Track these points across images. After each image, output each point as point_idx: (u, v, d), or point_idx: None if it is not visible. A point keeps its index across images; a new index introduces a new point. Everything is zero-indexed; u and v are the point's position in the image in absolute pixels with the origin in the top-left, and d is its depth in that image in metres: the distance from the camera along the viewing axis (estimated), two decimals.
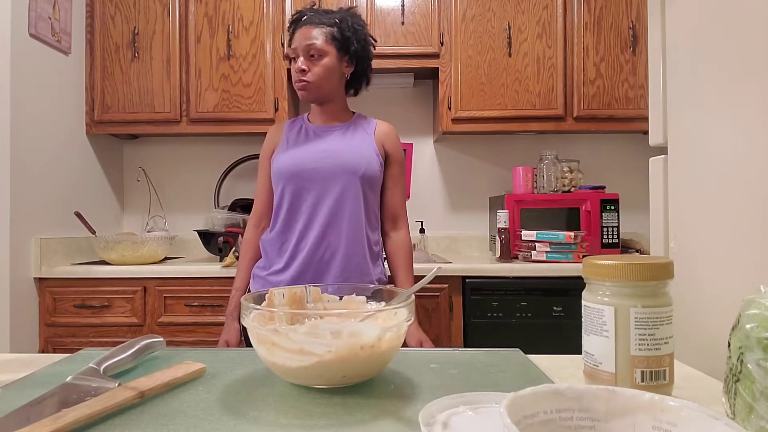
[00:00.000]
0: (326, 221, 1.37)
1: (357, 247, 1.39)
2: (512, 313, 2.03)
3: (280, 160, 1.42)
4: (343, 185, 1.38)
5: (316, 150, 1.40)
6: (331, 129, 1.45)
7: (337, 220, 1.37)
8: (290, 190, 1.39)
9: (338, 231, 1.37)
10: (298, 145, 1.43)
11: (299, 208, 1.39)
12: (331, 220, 1.37)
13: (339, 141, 1.42)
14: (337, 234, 1.37)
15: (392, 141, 1.49)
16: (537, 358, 0.69)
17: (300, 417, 0.48)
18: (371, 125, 1.49)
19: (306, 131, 1.46)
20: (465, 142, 2.71)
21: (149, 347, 0.65)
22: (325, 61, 1.37)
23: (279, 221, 1.42)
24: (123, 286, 2.09)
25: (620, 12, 2.33)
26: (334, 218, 1.37)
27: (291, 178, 1.38)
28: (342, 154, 1.39)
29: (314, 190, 1.38)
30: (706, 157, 0.85)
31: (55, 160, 2.24)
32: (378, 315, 0.62)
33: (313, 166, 1.38)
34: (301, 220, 1.38)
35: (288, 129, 1.48)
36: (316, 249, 1.36)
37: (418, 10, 2.35)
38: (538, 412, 0.36)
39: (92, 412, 0.46)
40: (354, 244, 1.38)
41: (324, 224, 1.36)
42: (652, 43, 1.01)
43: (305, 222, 1.38)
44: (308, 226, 1.38)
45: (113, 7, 2.39)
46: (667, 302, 0.52)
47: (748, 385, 0.42)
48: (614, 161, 2.69)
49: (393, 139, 1.49)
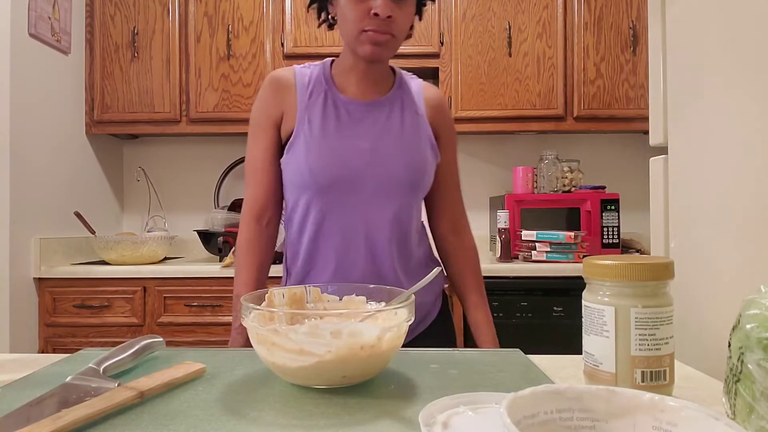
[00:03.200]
0: (368, 257, 1.00)
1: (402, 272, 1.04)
2: (512, 313, 2.03)
3: (306, 156, 0.98)
4: (395, 205, 1.01)
5: (357, 147, 0.99)
6: (373, 107, 1.03)
7: (381, 256, 1.00)
8: (320, 204, 0.99)
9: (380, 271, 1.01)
10: (329, 132, 0.99)
11: (326, 234, 1.00)
12: (373, 257, 1.00)
13: (387, 130, 1.02)
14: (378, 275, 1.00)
15: (446, 118, 1.11)
16: (537, 358, 0.69)
17: (300, 417, 0.48)
18: (418, 94, 1.08)
19: (335, 107, 1.02)
20: (465, 142, 2.71)
21: (149, 347, 0.65)
22: (409, 7, 0.98)
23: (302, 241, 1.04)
24: (123, 286, 2.09)
25: (620, 12, 2.33)
26: (376, 254, 1.00)
27: (323, 187, 0.98)
28: (395, 157, 1.00)
29: (355, 207, 0.99)
30: (706, 157, 0.85)
31: (55, 160, 2.24)
32: (378, 315, 0.62)
33: (356, 171, 0.98)
34: (327, 253, 1.01)
35: (304, 94, 1.02)
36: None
37: None
38: (538, 413, 0.36)
39: (92, 412, 0.45)
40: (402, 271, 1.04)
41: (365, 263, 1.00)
42: (652, 43, 1.01)
43: (336, 258, 1.00)
44: (339, 264, 1.00)
45: (113, 7, 2.39)
46: (667, 302, 0.52)
47: (748, 386, 0.42)
48: (614, 161, 2.69)
49: (446, 114, 1.11)
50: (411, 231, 1.06)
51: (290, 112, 1.03)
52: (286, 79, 1.05)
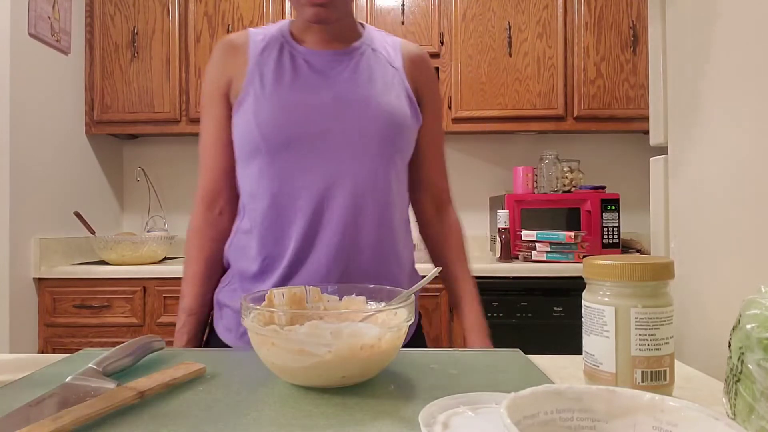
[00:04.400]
0: (342, 230, 0.83)
1: (384, 264, 0.88)
2: (512, 313, 2.03)
3: (256, 113, 0.83)
4: (370, 163, 0.85)
5: (319, 98, 0.84)
6: (338, 57, 0.89)
7: (357, 226, 0.84)
8: (275, 170, 0.83)
9: (356, 246, 0.85)
10: (283, 86, 0.85)
11: (292, 203, 0.84)
12: (347, 229, 0.83)
13: (354, 81, 0.87)
14: (355, 251, 0.85)
15: (430, 78, 0.97)
16: (537, 359, 0.69)
17: (300, 417, 0.48)
18: (394, 48, 0.94)
19: (293, 59, 0.88)
20: (465, 141, 2.71)
21: (149, 347, 0.65)
22: None
23: (255, 223, 0.86)
24: (122, 286, 2.09)
25: (621, 12, 2.33)
26: (351, 225, 0.84)
27: (278, 149, 0.82)
28: (365, 110, 0.85)
29: (318, 171, 0.83)
30: (706, 157, 0.85)
31: (55, 160, 2.24)
32: (378, 315, 0.61)
33: (317, 128, 0.83)
34: (295, 228, 0.84)
35: (258, 51, 0.88)
36: (322, 279, 0.83)
37: (418, 9, 2.34)
38: (539, 413, 0.36)
39: (92, 412, 0.45)
40: (380, 263, 0.87)
41: (339, 235, 0.83)
42: (652, 43, 1.01)
43: (303, 232, 0.83)
44: (309, 239, 0.84)
45: (113, 7, 2.39)
46: (667, 302, 0.52)
47: (748, 386, 0.42)
48: (615, 161, 2.69)
49: (430, 74, 0.97)
50: (392, 213, 0.89)
51: (239, 73, 0.88)
52: (237, 42, 0.91)
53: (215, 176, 0.92)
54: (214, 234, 0.92)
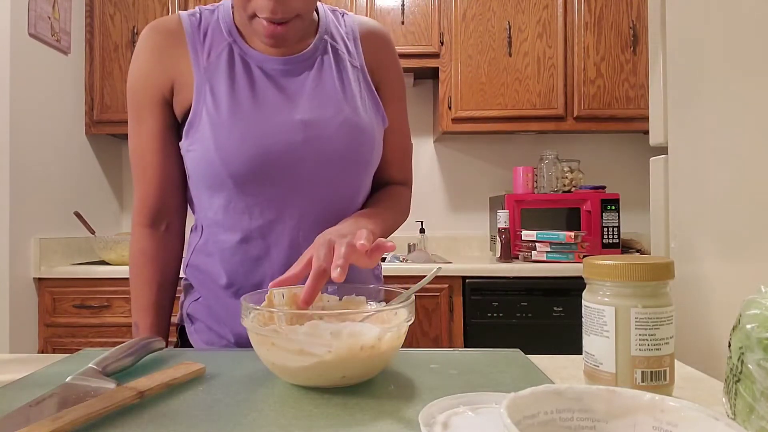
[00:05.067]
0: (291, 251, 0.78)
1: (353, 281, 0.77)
2: (512, 313, 2.03)
3: (216, 142, 0.73)
4: (344, 186, 0.80)
5: (285, 122, 0.75)
6: (298, 65, 0.79)
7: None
8: (245, 204, 0.76)
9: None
10: (242, 106, 0.74)
11: (265, 237, 0.78)
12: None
13: (321, 93, 0.78)
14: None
15: (389, 60, 0.87)
16: (537, 359, 0.69)
17: (300, 417, 0.48)
18: (353, 36, 0.84)
19: (246, 67, 0.77)
20: (465, 141, 2.71)
21: (149, 347, 0.65)
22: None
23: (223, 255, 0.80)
24: (122, 286, 2.09)
25: (621, 12, 2.33)
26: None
27: (246, 182, 0.75)
28: (337, 128, 0.77)
29: (293, 202, 0.77)
30: (706, 157, 0.85)
31: (55, 160, 2.24)
32: (378, 315, 0.61)
33: (288, 157, 0.75)
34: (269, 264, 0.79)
35: (202, 51, 0.77)
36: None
37: (418, 9, 2.34)
38: (539, 413, 0.36)
39: (91, 412, 0.45)
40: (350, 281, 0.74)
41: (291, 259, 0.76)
42: (652, 43, 1.01)
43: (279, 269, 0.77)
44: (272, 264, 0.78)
45: (112, 7, 2.39)
46: (667, 302, 0.52)
47: (748, 386, 0.42)
48: (615, 161, 2.69)
49: (389, 55, 0.87)
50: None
51: (183, 78, 0.77)
52: (171, 31, 0.78)
53: (157, 191, 0.81)
54: (164, 256, 0.84)
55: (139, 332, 0.84)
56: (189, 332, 0.90)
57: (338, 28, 0.84)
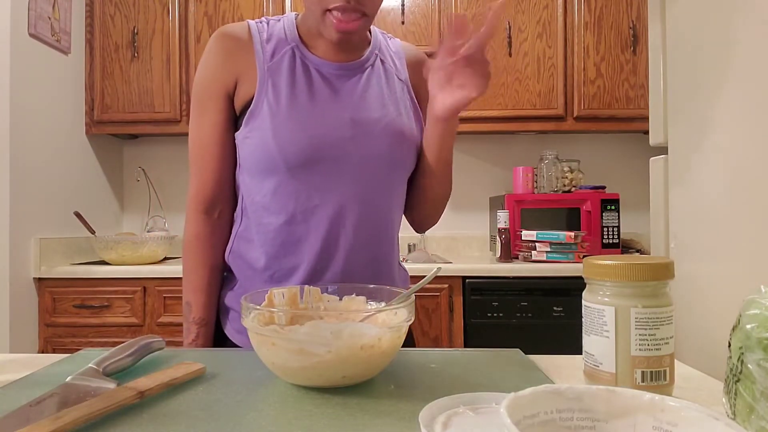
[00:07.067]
0: (353, 251, 0.85)
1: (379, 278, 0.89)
2: (512, 313, 2.03)
3: (274, 131, 0.81)
4: (382, 184, 0.87)
5: (336, 118, 0.83)
6: (350, 71, 0.87)
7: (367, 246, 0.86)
8: (293, 188, 0.83)
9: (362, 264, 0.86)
10: (300, 102, 0.83)
11: (307, 222, 0.84)
12: (358, 250, 0.85)
13: (368, 97, 0.87)
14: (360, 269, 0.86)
15: None
16: (537, 359, 0.69)
17: (300, 417, 0.48)
18: (399, 56, 0.95)
19: (306, 69, 0.86)
20: (465, 141, 2.71)
21: (149, 347, 0.65)
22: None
23: (265, 237, 0.86)
24: (123, 286, 2.09)
25: (621, 12, 2.33)
26: (361, 246, 0.86)
27: (297, 169, 0.82)
28: (381, 130, 0.85)
29: (335, 192, 0.83)
30: (706, 157, 0.85)
31: (55, 160, 2.24)
32: (378, 315, 0.62)
33: (336, 150, 0.83)
34: (308, 248, 0.84)
35: (267, 53, 0.85)
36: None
37: (418, 9, 2.35)
38: (539, 413, 0.36)
39: (92, 412, 0.45)
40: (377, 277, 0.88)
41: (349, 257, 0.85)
42: (652, 43, 1.01)
43: (317, 253, 0.84)
44: (322, 260, 0.85)
45: (113, 7, 2.39)
46: (667, 302, 0.52)
47: (748, 386, 0.42)
48: (614, 161, 2.69)
49: None
50: (394, 229, 0.91)
51: (247, 75, 0.85)
52: (240, 35, 0.86)
53: (215, 180, 0.88)
54: (216, 241, 0.90)
55: (191, 311, 0.90)
56: (223, 323, 0.93)
57: (387, 48, 0.95)
